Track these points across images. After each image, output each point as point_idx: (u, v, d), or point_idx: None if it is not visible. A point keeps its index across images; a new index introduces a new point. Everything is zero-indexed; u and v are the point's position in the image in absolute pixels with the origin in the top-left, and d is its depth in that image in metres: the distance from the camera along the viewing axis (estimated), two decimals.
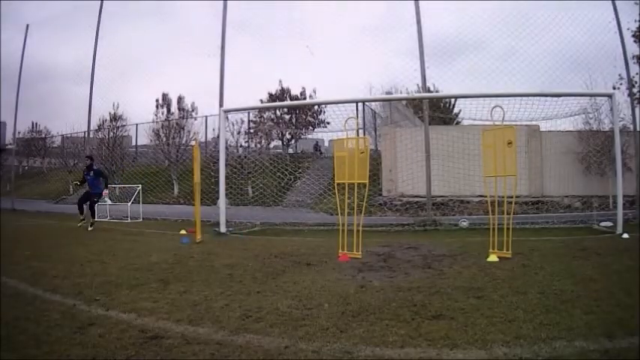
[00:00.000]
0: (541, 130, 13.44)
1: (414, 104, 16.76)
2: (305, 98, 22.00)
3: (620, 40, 10.14)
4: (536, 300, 3.48)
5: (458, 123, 19.20)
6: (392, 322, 3.03)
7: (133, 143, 24.15)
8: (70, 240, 7.79)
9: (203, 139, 19.26)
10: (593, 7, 10.51)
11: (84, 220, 9.65)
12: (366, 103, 17.27)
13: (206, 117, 19.61)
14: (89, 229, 9.28)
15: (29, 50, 17.27)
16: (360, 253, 5.68)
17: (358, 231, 5.75)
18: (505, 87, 10.31)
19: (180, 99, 20.69)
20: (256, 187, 13.84)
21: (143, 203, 13.06)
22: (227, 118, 11.61)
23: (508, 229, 5.51)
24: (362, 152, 5.92)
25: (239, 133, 17.82)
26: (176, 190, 18.24)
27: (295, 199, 15.08)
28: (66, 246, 6.97)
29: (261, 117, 20.93)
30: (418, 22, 10.39)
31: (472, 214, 11.35)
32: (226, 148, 9.91)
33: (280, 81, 22.67)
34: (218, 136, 11.01)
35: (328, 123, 17.23)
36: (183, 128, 19.31)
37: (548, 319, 2.98)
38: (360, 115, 16.21)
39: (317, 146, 23.67)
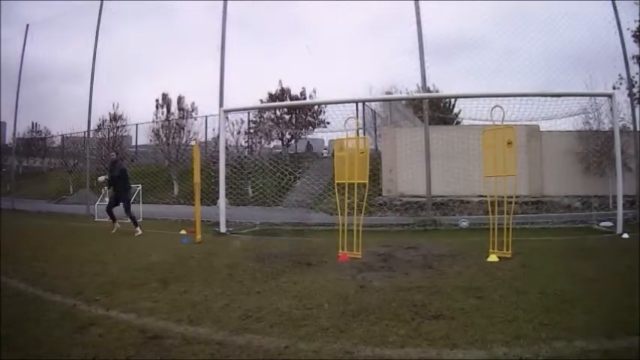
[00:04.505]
0: (541, 130, 13.43)
1: (414, 104, 16.76)
2: (305, 98, 21.97)
3: (620, 40, 10.13)
4: (536, 300, 3.48)
5: (458, 123, 19.18)
6: (392, 322, 3.03)
7: (133, 143, 24.14)
8: (71, 240, 7.79)
9: (203, 139, 19.25)
10: (593, 7, 10.50)
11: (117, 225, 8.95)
12: (366, 103, 17.25)
13: (206, 117, 19.58)
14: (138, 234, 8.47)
15: (29, 50, 17.30)
16: (359, 253, 5.68)
17: (358, 231, 5.75)
18: (505, 87, 10.30)
19: (180, 99, 20.66)
20: (256, 187, 13.83)
21: (143, 203, 13.05)
22: (227, 118, 11.61)
23: (508, 229, 5.51)
24: (362, 152, 5.92)
25: (239, 133, 17.82)
26: (176, 190, 18.23)
27: (295, 199, 15.07)
28: (66, 246, 6.97)
29: (261, 117, 20.91)
30: (418, 22, 10.40)
31: (472, 214, 11.34)
32: (226, 148, 9.91)
33: (280, 81, 22.65)
34: (218, 136, 11.01)
35: (328, 123, 17.21)
36: (183, 128, 19.29)
37: (548, 319, 2.98)
38: (360, 115, 16.19)
39: (309, 146, 23.70)
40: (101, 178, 9.10)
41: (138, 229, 8.64)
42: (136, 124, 22.20)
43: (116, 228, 8.92)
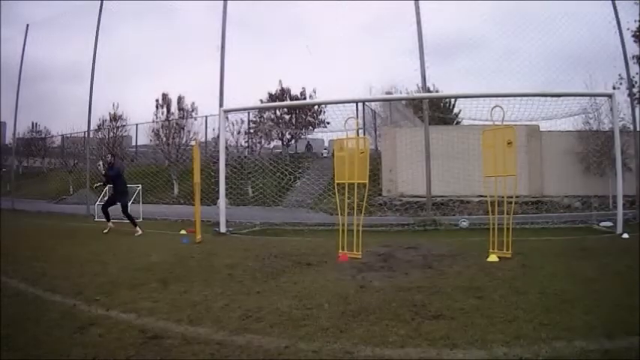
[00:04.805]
0: (541, 130, 13.44)
1: (414, 104, 16.76)
2: (305, 98, 21.98)
3: (620, 40, 10.13)
4: (536, 300, 3.48)
5: (458, 123, 19.19)
6: (392, 322, 3.03)
7: (133, 143, 24.15)
8: (71, 240, 7.78)
9: (203, 139, 19.26)
10: (593, 7, 10.50)
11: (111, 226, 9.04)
12: (366, 103, 17.26)
13: (206, 117, 19.60)
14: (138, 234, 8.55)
15: (29, 50, 17.30)
16: (359, 253, 5.68)
17: (358, 231, 5.75)
18: (505, 87, 10.32)
19: (180, 99, 20.67)
20: (256, 187, 13.84)
21: (143, 203, 13.05)
22: (227, 118, 11.62)
23: (508, 229, 5.51)
24: (362, 152, 5.92)
25: (239, 133, 17.82)
26: (176, 190, 18.23)
27: (295, 199, 15.08)
28: (66, 246, 6.97)
29: (261, 117, 20.92)
30: (418, 22, 10.40)
31: (472, 214, 11.35)
32: (226, 148, 9.91)
33: (280, 81, 22.67)
34: (218, 136, 11.01)
35: (328, 123, 17.23)
36: (183, 128, 19.29)
37: (548, 319, 2.98)
38: (360, 115, 16.20)
39: (309, 146, 23.79)
40: (96, 185, 9.23)
41: (137, 228, 8.66)
42: (136, 124, 22.25)
43: (109, 228, 8.93)
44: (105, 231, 8.85)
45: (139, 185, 13.43)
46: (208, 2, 19.43)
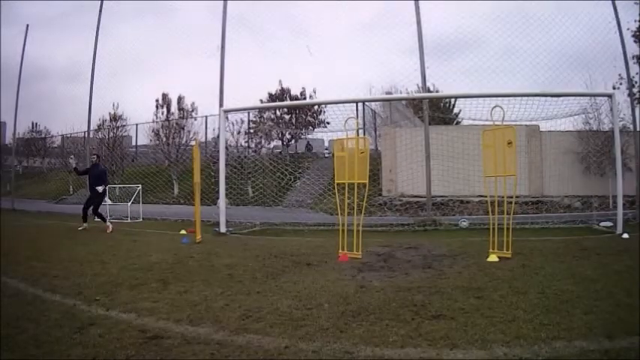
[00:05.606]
0: (541, 130, 13.45)
1: (414, 104, 16.77)
2: (305, 98, 21.98)
3: (620, 39, 10.13)
4: (536, 300, 3.48)
5: (458, 123, 19.20)
6: (392, 322, 3.04)
7: (133, 143, 24.15)
8: (70, 240, 7.78)
9: (203, 139, 19.26)
10: (593, 7, 10.49)
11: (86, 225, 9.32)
12: (366, 103, 17.27)
13: (206, 117, 19.62)
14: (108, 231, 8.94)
15: (29, 50, 17.32)
16: (360, 253, 5.68)
17: (358, 231, 5.75)
18: (505, 86, 10.32)
19: (180, 99, 20.69)
20: (256, 187, 13.84)
21: (143, 203, 13.06)
22: (227, 118, 11.61)
23: (508, 229, 5.51)
24: (362, 152, 5.92)
25: (239, 133, 17.83)
26: (176, 190, 18.23)
27: (295, 199, 15.09)
28: (66, 246, 6.97)
29: (261, 117, 20.92)
30: (418, 22, 10.40)
31: (472, 214, 11.35)
32: (226, 148, 9.90)
33: (280, 81, 22.67)
34: (218, 136, 11.01)
35: (328, 123, 17.22)
36: (183, 128, 19.31)
37: (548, 319, 2.98)
38: (360, 115, 16.22)
39: (309, 146, 23.83)
40: (100, 188, 9.44)
41: (108, 224, 9.21)
42: (136, 124, 22.27)
43: (84, 227, 9.24)
44: (79, 228, 9.19)
45: (139, 185, 13.44)
46: (208, 2, 19.44)
